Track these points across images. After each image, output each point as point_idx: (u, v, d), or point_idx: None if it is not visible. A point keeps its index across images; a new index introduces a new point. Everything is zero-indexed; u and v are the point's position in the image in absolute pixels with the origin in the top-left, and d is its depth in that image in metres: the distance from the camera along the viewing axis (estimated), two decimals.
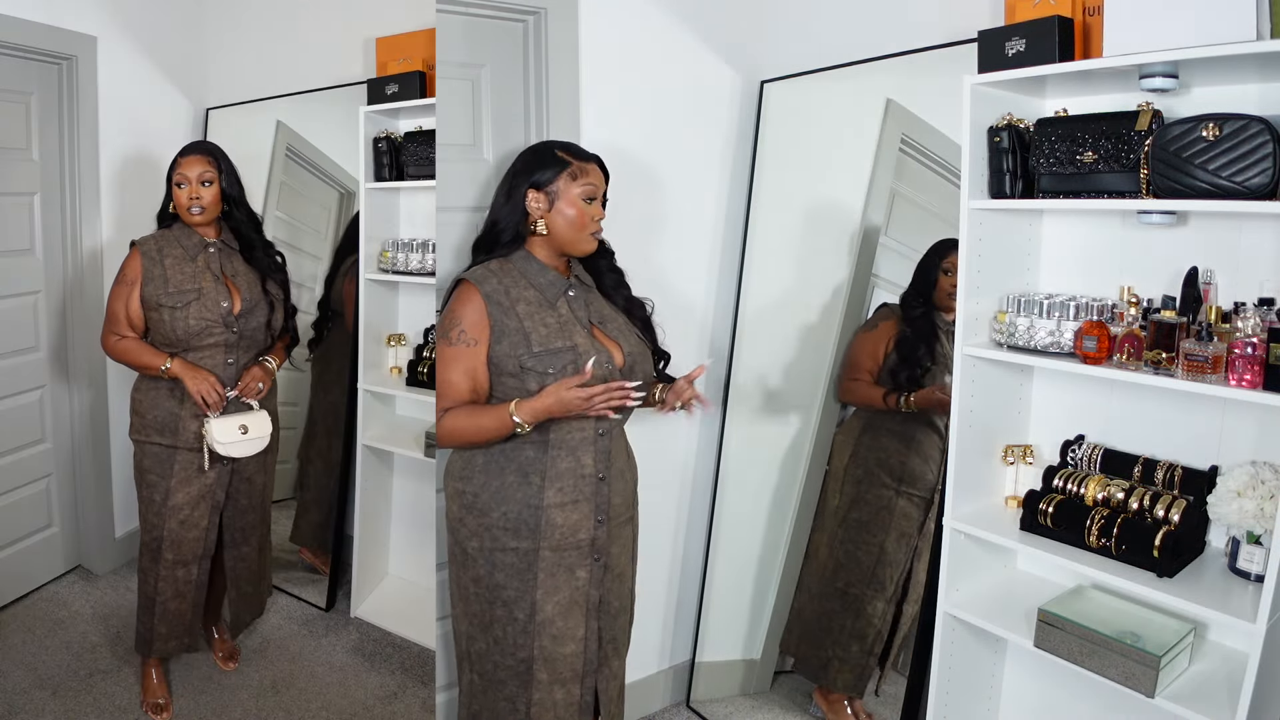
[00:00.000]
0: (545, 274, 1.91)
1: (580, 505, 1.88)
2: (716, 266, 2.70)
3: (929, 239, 2.26)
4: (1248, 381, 1.50)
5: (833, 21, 2.50)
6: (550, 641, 1.89)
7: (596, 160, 1.96)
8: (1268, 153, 1.47)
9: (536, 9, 2.24)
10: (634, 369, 1.91)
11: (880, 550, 2.33)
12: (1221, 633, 1.77)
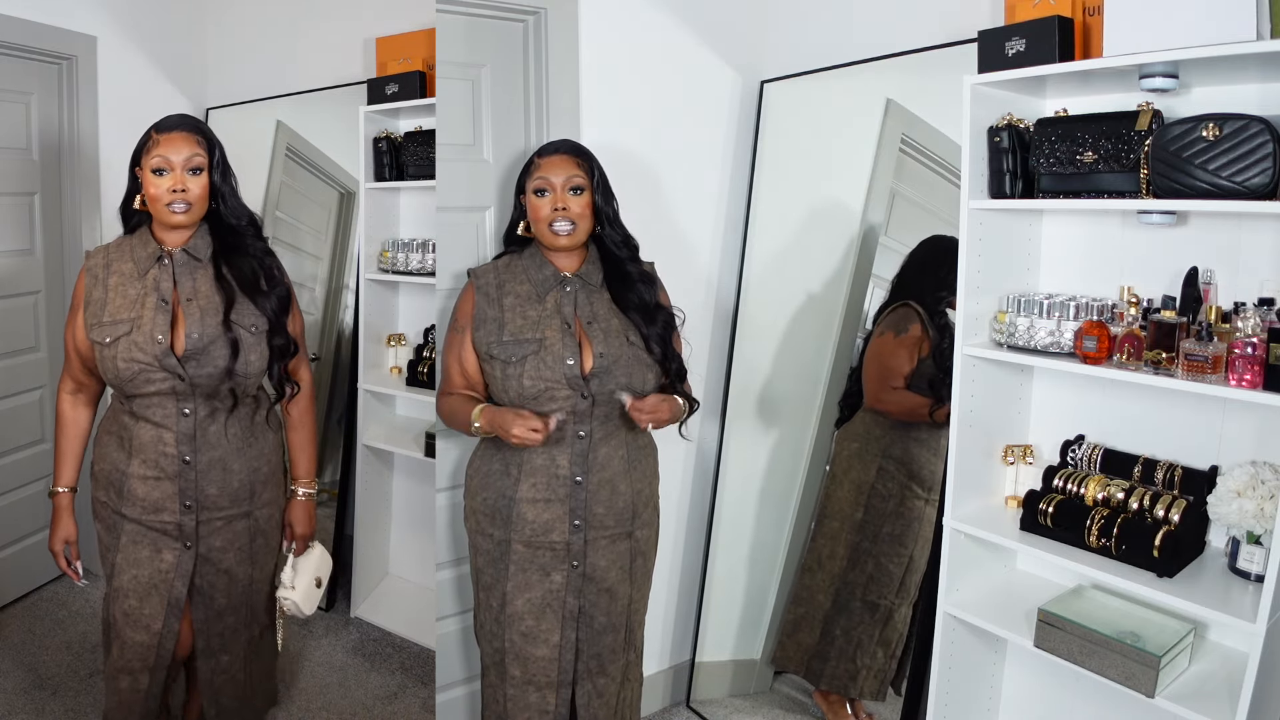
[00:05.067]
0: (543, 269, 1.93)
1: (553, 505, 1.88)
2: (716, 266, 2.70)
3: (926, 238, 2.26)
4: (1248, 381, 1.50)
5: (833, 21, 2.50)
6: (520, 638, 1.91)
7: (563, 149, 1.94)
8: (1268, 153, 1.47)
9: (536, 9, 2.24)
10: (610, 371, 1.87)
11: (910, 560, 2.32)
12: (1221, 633, 1.77)
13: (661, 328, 1.95)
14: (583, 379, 1.86)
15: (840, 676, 2.47)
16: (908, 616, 2.33)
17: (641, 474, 1.98)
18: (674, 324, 1.99)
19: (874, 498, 2.38)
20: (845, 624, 2.44)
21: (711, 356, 2.71)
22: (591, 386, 1.86)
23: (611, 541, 1.94)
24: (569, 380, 1.85)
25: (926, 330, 2.24)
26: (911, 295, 2.28)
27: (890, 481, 2.36)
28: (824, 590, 2.49)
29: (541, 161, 1.92)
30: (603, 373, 1.87)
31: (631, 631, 2.04)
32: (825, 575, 2.48)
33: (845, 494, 2.44)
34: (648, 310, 1.95)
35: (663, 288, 2.04)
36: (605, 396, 1.88)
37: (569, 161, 1.91)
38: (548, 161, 1.91)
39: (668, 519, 2.60)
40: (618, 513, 1.93)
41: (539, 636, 1.92)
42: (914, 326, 2.27)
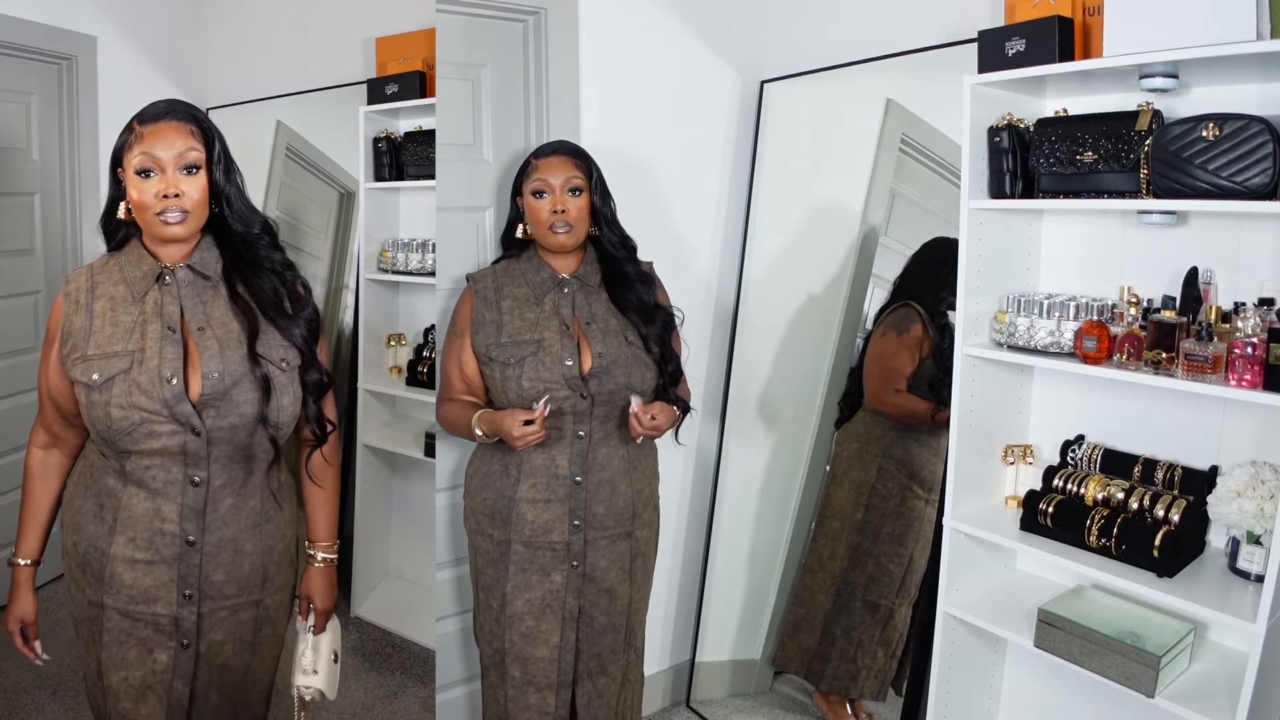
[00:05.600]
0: (541, 271, 1.94)
1: (553, 505, 1.88)
2: (716, 266, 2.70)
3: (929, 239, 2.26)
4: (1248, 381, 1.50)
5: (832, 21, 2.50)
6: (520, 639, 1.91)
7: (561, 150, 1.94)
8: (1268, 153, 1.47)
9: (536, 9, 2.24)
10: (609, 371, 1.88)
11: (910, 560, 2.32)
12: (1221, 633, 1.77)
13: (660, 327, 1.95)
14: (582, 379, 1.86)
15: (841, 677, 2.47)
16: (908, 617, 2.32)
17: (641, 474, 1.98)
18: (673, 323, 2.00)
19: (874, 498, 2.38)
20: (846, 624, 2.44)
21: (711, 357, 2.71)
22: (591, 387, 1.86)
23: (611, 542, 1.94)
24: (568, 381, 1.85)
25: (928, 330, 2.24)
26: (913, 296, 2.28)
27: (890, 481, 2.36)
28: (824, 590, 2.49)
29: (539, 163, 1.91)
30: (601, 373, 1.87)
31: (632, 632, 2.04)
32: (826, 575, 2.48)
33: (845, 494, 2.44)
34: (646, 310, 1.96)
35: (661, 287, 2.04)
36: (605, 397, 1.88)
37: (567, 162, 1.91)
38: (545, 163, 1.91)
39: (668, 519, 2.60)
40: (618, 513, 1.93)
41: (539, 637, 1.92)
42: (915, 326, 2.27)
